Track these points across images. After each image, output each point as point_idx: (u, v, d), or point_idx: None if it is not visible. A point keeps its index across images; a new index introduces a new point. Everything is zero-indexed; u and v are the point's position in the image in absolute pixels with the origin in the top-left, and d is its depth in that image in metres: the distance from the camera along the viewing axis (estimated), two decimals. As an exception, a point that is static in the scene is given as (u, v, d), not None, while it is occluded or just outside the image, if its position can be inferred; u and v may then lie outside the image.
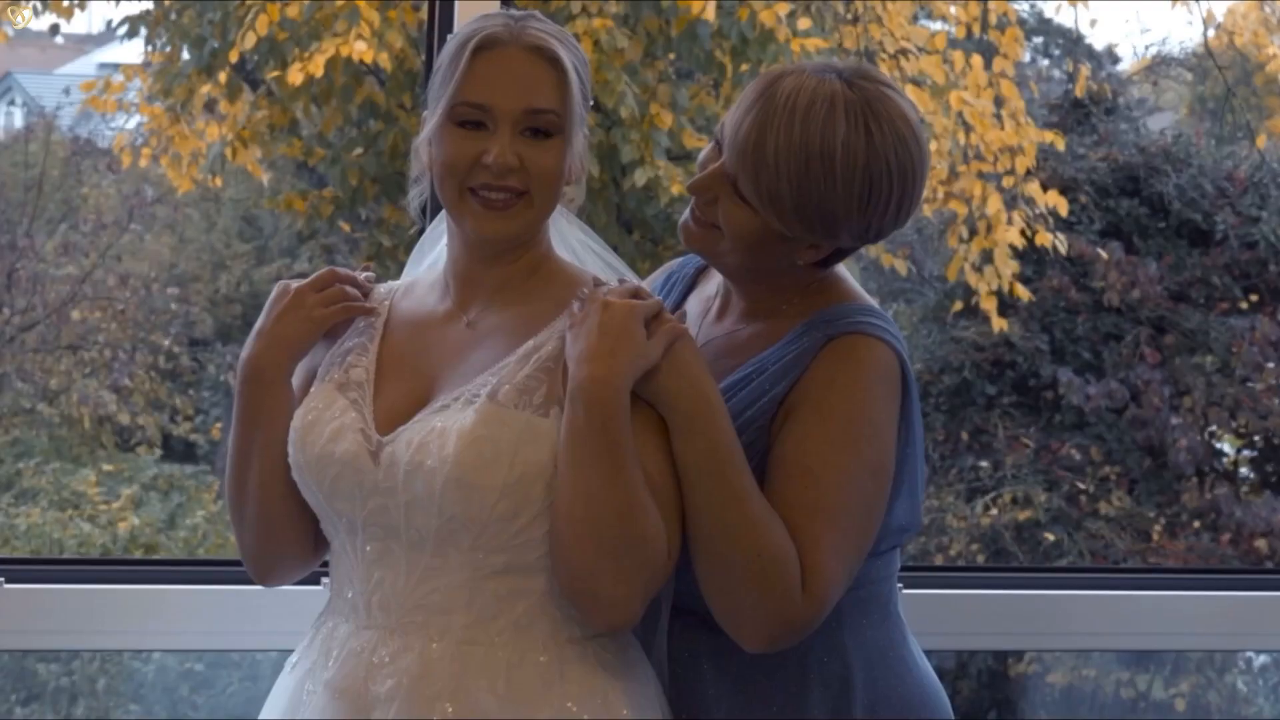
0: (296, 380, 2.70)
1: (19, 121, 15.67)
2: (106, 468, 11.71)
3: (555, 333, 2.56)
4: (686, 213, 2.72)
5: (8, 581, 3.51)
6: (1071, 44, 13.48)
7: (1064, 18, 14.42)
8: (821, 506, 2.53)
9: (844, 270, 2.76)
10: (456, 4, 3.61)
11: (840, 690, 2.65)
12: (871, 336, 2.61)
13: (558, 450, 2.48)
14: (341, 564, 2.61)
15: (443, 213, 2.74)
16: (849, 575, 2.56)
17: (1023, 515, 10.80)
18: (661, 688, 2.66)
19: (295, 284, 2.68)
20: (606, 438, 2.44)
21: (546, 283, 2.62)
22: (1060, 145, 10.03)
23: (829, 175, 2.57)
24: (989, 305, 9.99)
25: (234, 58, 8.94)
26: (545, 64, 2.56)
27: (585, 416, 2.44)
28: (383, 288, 2.76)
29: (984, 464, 11.11)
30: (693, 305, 2.83)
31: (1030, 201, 9.88)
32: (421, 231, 2.92)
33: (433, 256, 2.81)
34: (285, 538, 2.67)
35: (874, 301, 2.72)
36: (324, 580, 2.68)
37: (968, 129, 9.55)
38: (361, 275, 2.74)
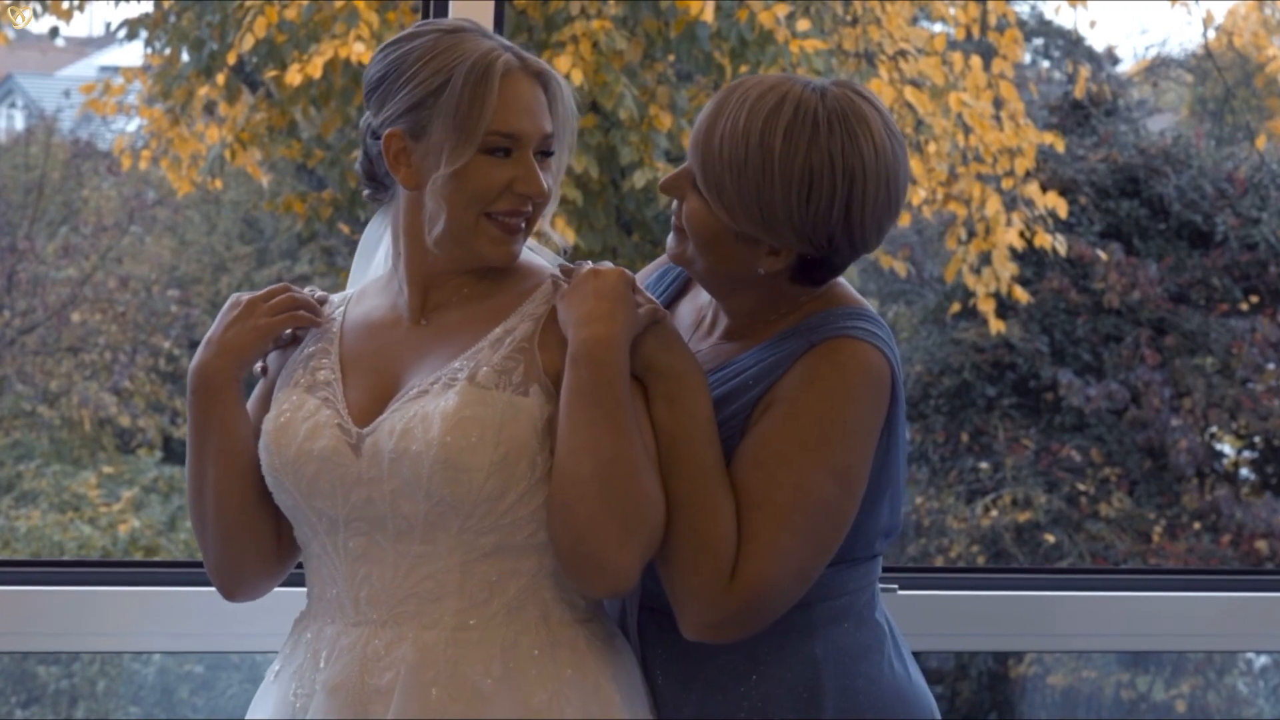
0: (253, 400, 2.72)
1: (20, 124, 15.69)
2: (107, 470, 11.72)
3: (525, 316, 2.59)
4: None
5: (3, 584, 3.51)
6: (1071, 45, 13.49)
7: (1063, 19, 14.45)
8: (769, 501, 2.52)
9: (843, 282, 2.72)
10: (450, 5, 3.61)
11: (809, 697, 2.64)
12: (859, 340, 2.59)
13: (560, 414, 2.50)
14: (322, 566, 2.61)
15: (378, 218, 2.79)
16: (798, 575, 2.54)
17: (1023, 517, 10.81)
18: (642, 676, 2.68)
19: (247, 296, 2.70)
20: (612, 396, 2.47)
21: (501, 278, 2.65)
22: (1060, 147, 10.03)
23: (767, 165, 2.55)
24: (986, 307, 9.98)
25: (232, 60, 8.94)
26: (542, 88, 2.61)
27: (590, 376, 2.48)
28: (336, 298, 2.78)
29: (984, 465, 11.12)
30: (685, 312, 2.82)
31: (1030, 203, 9.88)
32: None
33: (377, 261, 2.83)
34: (247, 548, 2.67)
35: (869, 306, 2.69)
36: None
37: (967, 130, 9.55)
38: (314, 295, 2.75)
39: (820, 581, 2.61)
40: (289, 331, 2.71)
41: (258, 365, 2.72)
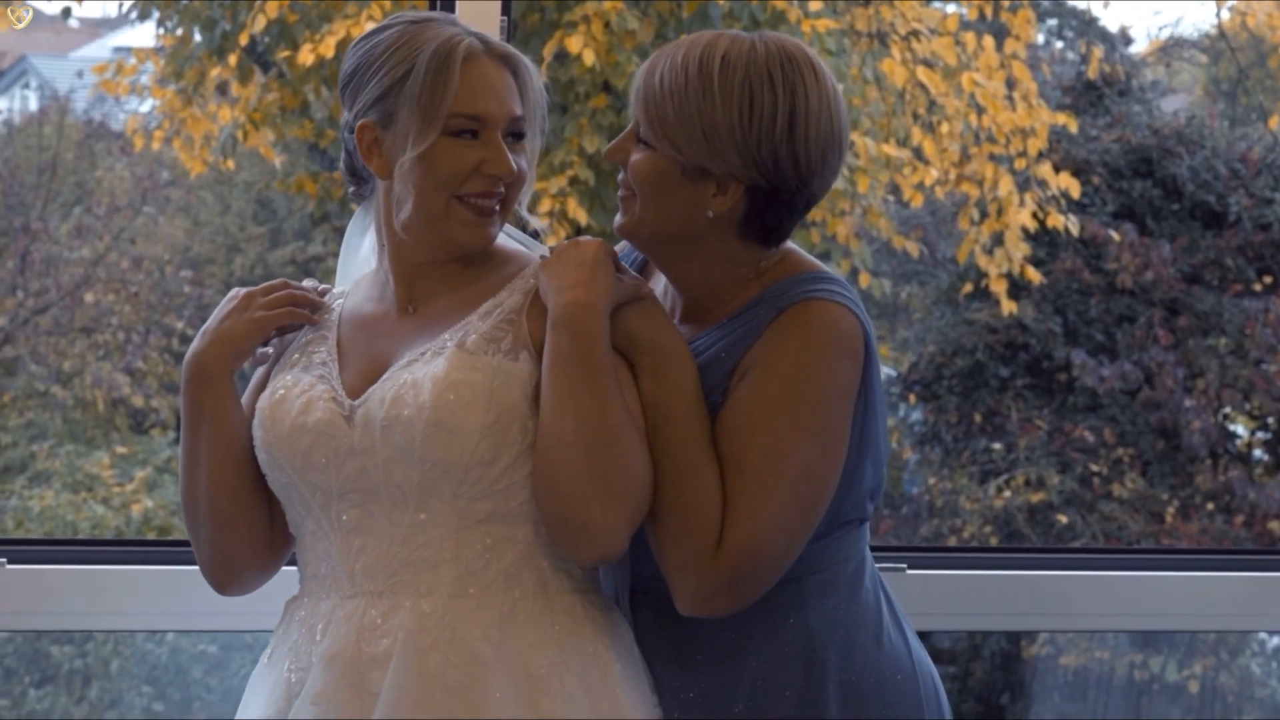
0: (252, 388, 2.74)
1: (33, 105, 15.70)
2: (120, 450, 11.74)
3: (514, 290, 2.62)
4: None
5: (12, 562, 3.51)
6: (1084, 26, 13.46)
7: (1077, -1, 14.39)
8: (746, 466, 2.52)
9: (793, 245, 2.73)
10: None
11: (808, 671, 2.63)
12: (826, 301, 2.59)
13: (543, 380, 2.53)
14: (316, 543, 2.63)
15: (360, 214, 2.82)
16: (785, 539, 2.53)
17: (1036, 497, 10.81)
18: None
19: (246, 290, 2.74)
20: (592, 360, 2.50)
21: (485, 265, 2.68)
22: (1073, 127, 10.02)
23: (707, 87, 2.58)
24: (999, 288, 9.97)
25: (245, 40, 8.94)
26: (510, 71, 2.64)
27: (570, 340, 2.50)
28: (335, 290, 2.82)
29: (997, 446, 11.11)
30: None
31: (1042, 183, 9.86)
32: None
33: (363, 255, 2.86)
34: (239, 538, 2.68)
35: (830, 270, 2.69)
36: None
37: (980, 111, 9.53)
38: (317, 289, 2.79)
39: (808, 554, 2.60)
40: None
41: (260, 350, 2.73)
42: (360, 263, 2.86)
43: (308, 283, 2.79)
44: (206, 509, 2.67)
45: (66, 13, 9.92)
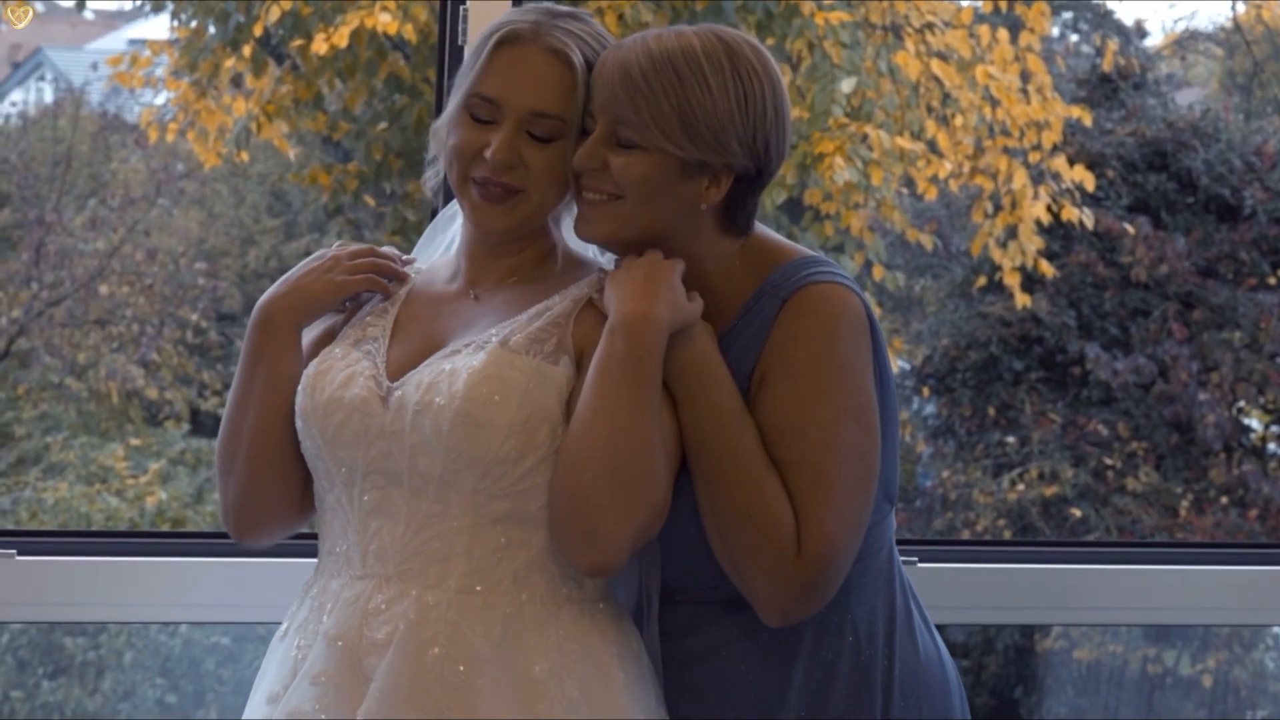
0: (310, 338, 2.76)
1: (48, 97, 15.68)
2: (134, 442, 11.74)
3: (566, 296, 2.64)
4: (576, 212, 2.69)
5: (22, 554, 3.52)
6: (1099, 18, 13.43)
7: (1092, -8, 14.37)
8: (807, 463, 2.52)
9: (769, 231, 2.73)
10: (467, -4, 3.62)
11: (855, 667, 2.63)
12: (824, 283, 2.61)
13: (586, 383, 2.53)
14: (336, 519, 2.65)
15: None
16: (855, 528, 2.55)
17: (1049, 491, 10.79)
18: (654, 664, 2.68)
19: (335, 250, 2.78)
20: (641, 372, 2.50)
21: (552, 268, 2.71)
22: (1087, 120, 10.00)
23: (700, 78, 2.58)
24: (1012, 281, 9.95)
25: (258, 32, 8.94)
26: (561, 67, 2.62)
27: (625, 347, 2.51)
28: (420, 264, 2.85)
29: (1011, 439, 11.10)
30: None
31: (1057, 177, 9.85)
32: (436, 211, 3.03)
33: (448, 238, 2.90)
34: (272, 488, 2.70)
35: (812, 251, 2.70)
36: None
37: (994, 104, 9.51)
38: (400, 260, 2.81)
39: None
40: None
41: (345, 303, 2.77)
42: (449, 240, 2.90)
43: (388, 249, 2.81)
44: (246, 454, 2.69)
45: (81, 5, 9.92)
